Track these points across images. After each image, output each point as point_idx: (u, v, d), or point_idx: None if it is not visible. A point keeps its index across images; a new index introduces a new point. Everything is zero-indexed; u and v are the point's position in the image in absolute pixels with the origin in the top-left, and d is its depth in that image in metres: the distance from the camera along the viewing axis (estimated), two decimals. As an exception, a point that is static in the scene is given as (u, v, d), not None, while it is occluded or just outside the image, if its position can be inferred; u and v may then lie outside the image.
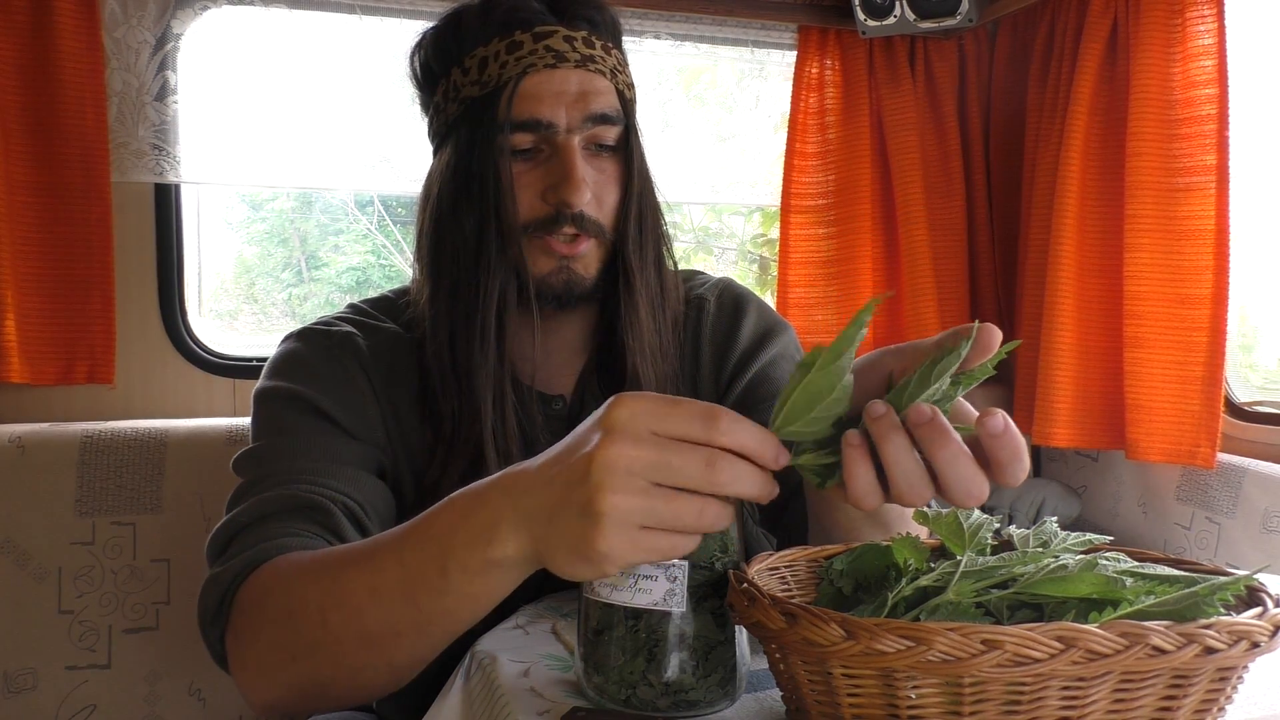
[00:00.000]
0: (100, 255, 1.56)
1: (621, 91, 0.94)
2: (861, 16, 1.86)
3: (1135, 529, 1.78)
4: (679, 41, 1.92)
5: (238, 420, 1.51)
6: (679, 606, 0.60)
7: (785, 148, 1.96)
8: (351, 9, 1.72)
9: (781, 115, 2.02)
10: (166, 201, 1.66)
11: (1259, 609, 0.50)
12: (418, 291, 0.97)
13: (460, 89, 0.92)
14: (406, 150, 1.81)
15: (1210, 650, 0.46)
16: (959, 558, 0.59)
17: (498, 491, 0.61)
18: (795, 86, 1.94)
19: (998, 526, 0.63)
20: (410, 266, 1.18)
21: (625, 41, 1.00)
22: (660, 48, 1.93)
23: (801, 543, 0.71)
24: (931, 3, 1.82)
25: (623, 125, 0.93)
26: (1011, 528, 0.64)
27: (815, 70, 1.95)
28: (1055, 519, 0.65)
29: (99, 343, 1.57)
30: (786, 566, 0.66)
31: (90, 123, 1.55)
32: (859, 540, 0.68)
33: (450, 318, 0.92)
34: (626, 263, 0.94)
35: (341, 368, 0.92)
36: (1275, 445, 1.58)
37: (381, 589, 0.65)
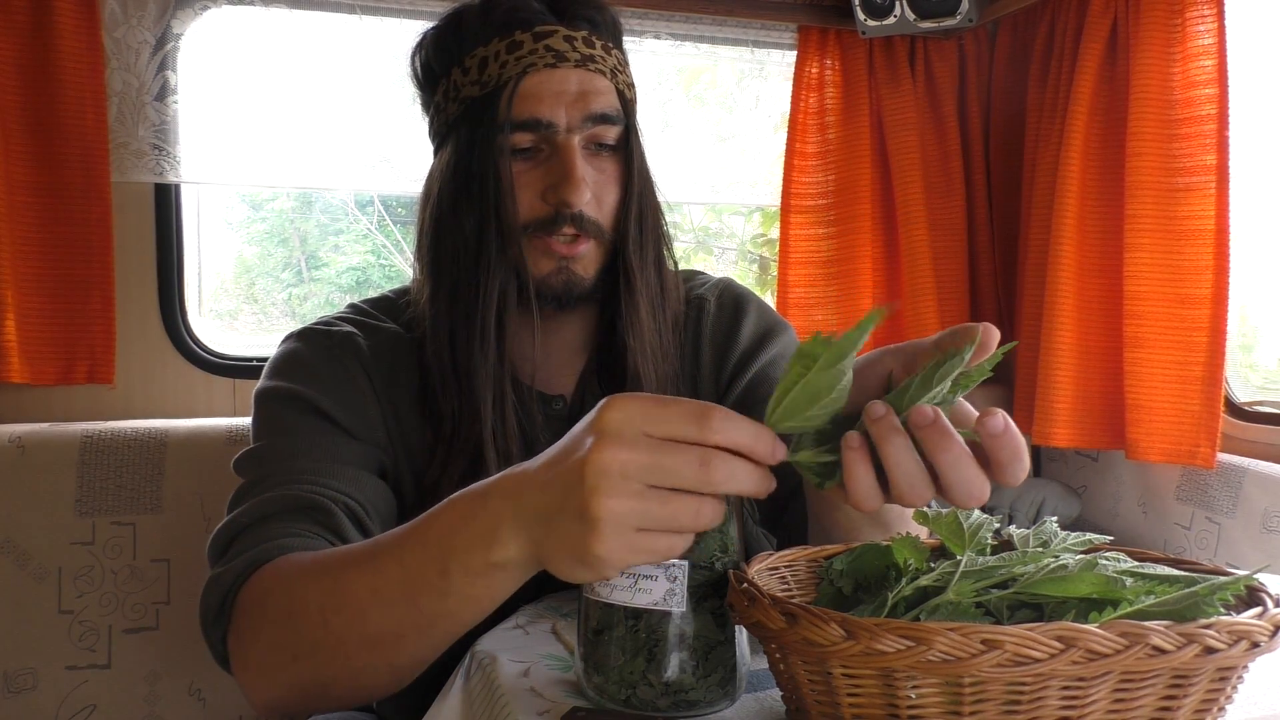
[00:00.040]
0: (100, 255, 1.56)
1: (622, 91, 0.94)
2: (861, 16, 1.86)
3: (1135, 529, 1.78)
4: (679, 41, 1.92)
5: (238, 420, 1.51)
6: (679, 606, 0.60)
7: (785, 148, 1.96)
8: (351, 9, 1.72)
9: (781, 115, 2.02)
10: (166, 201, 1.66)
11: (1259, 609, 0.50)
12: (418, 291, 0.97)
13: (460, 89, 0.92)
14: (406, 150, 1.81)
15: (1210, 650, 0.46)
16: (959, 558, 0.59)
17: (497, 494, 0.61)
18: (795, 86, 1.94)
19: (998, 526, 0.63)
20: (410, 266, 1.18)
21: (625, 41, 1.00)
22: (660, 48, 1.93)
23: (801, 543, 0.71)
24: (931, 3, 1.82)
25: (623, 125, 0.93)
26: (1011, 528, 0.64)
27: (815, 70, 1.95)
28: (1055, 519, 0.65)
29: (99, 343, 1.57)
30: (786, 566, 0.66)
31: (90, 123, 1.55)
32: (859, 540, 0.69)
33: (450, 317, 0.92)
34: (627, 263, 0.94)
35: (342, 368, 0.92)
36: (1275, 445, 1.58)
37: (383, 591, 0.65)
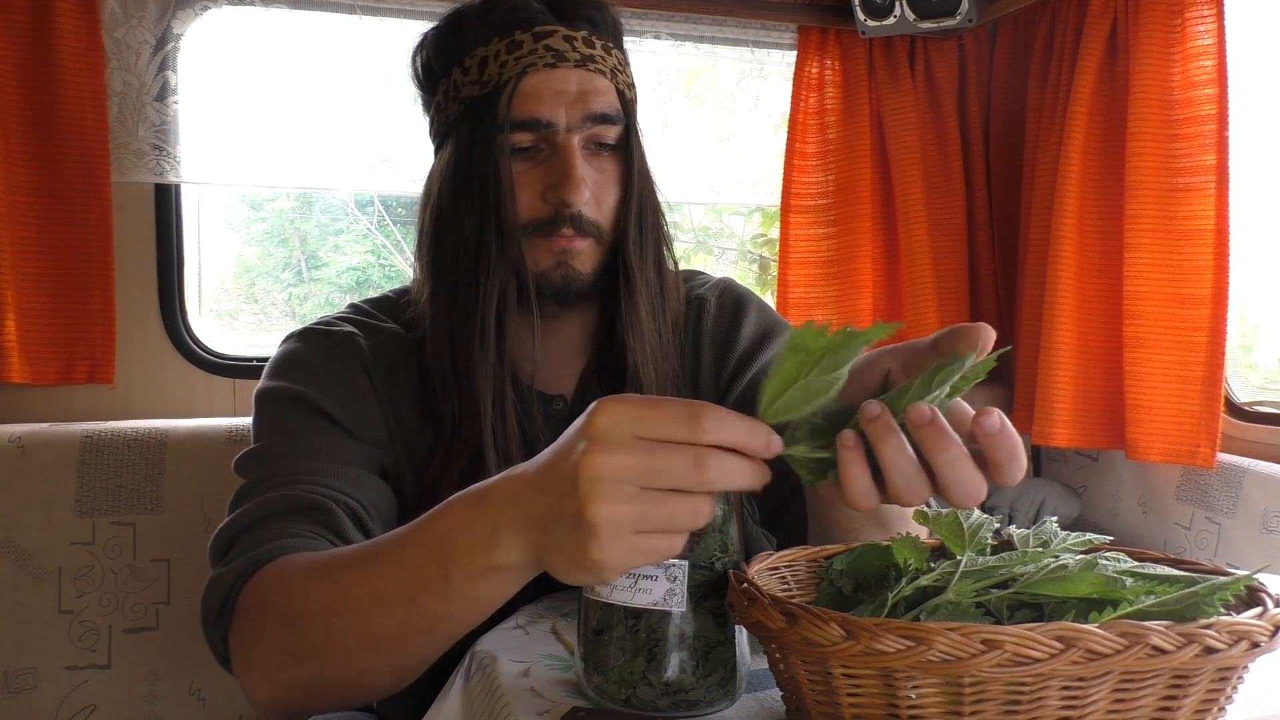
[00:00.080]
0: (100, 255, 1.56)
1: (622, 91, 0.94)
2: (861, 16, 1.86)
3: (1135, 529, 1.78)
4: (679, 41, 1.92)
5: (238, 420, 1.51)
6: (679, 606, 0.60)
7: (785, 148, 1.96)
8: (351, 9, 1.72)
9: (781, 115, 2.02)
10: (166, 201, 1.66)
11: (1259, 609, 0.50)
12: (418, 291, 0.97)
13: (460, 88, 0.92)
14: (406, 150, 1.81)
15: (1210, 650, 0.46)
16: (959, 558, 0.59)
17: (495, 498, 0.60)
18: (795, 86, 1.94)
19: (998, 526, 0.63)
20: (410, 266, 1.18)
21: (625, 41, 1.00)
22: (660, 48, 1.93)
23: (801, 543, 0.71)
24: (931, 3, 1.82)
25: (623, 125, 0.93)
26: (1011, 528, 0.64)
27: (815, 70, 1.94)
28: (1055, 519, 0.65)
29: (99, 343, 1.57)
30: (786, 566, 0.66)
31: (90, 123, 1.55)
32: (859, 540, 0.69)
33: (450, 317, 0.92)
34: (627, 263, 0.94)
35: (343, 368, 0.92)
36: (1275, 445, 1.58)
37: (384, 593, 0.65)
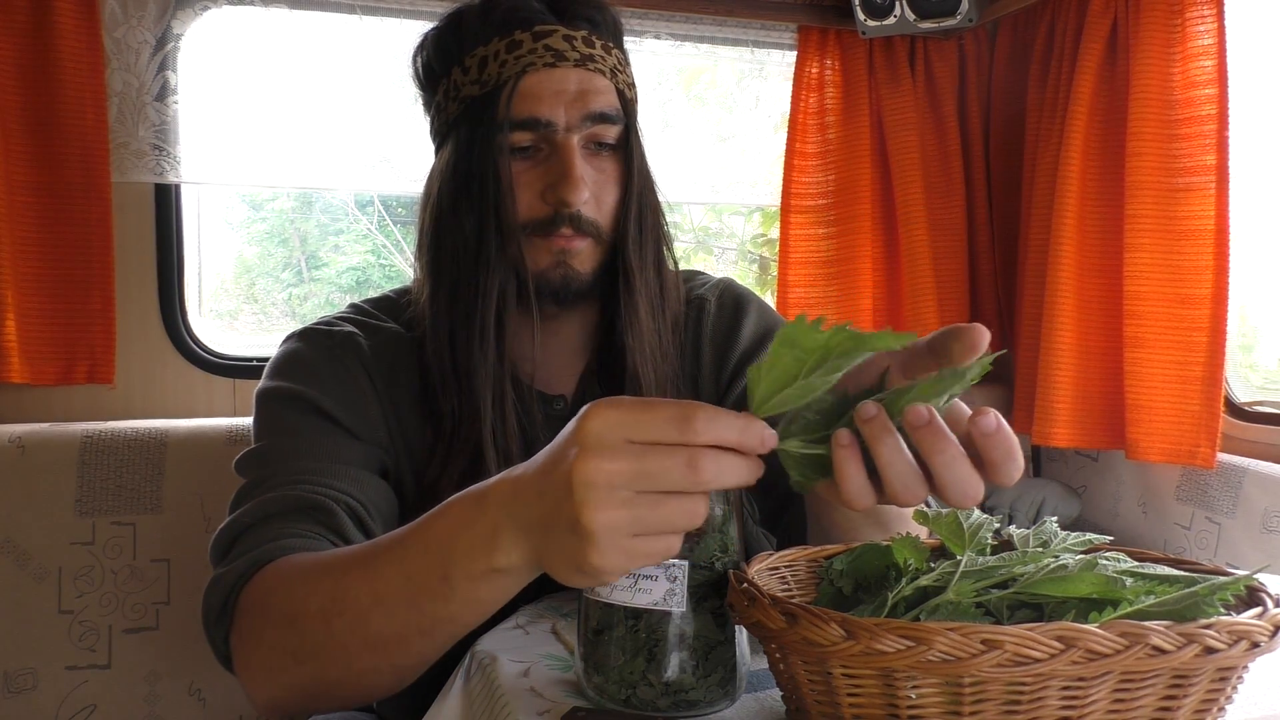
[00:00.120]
0: (100, 255, 1.56)
1: (622, 91, 0.94)
2: (861, 16, 1.86)
3: (1135, 529, 1.78)
4: (679, 41, 1.92)
5: (238, 420, 1.51)
6: (679, 606, 0.60)
7: (785, 148, 1.96)
8: (351, 9, 1.72)
9: (781, 115, 2.02)
10: (166, 201, 1.66)
11: (1259, 609, 0.50)
12: (418, 291, 0.97)
13: (460, 88, 0.92)
14: (406, 150, 1.81)
15: (1210, 650, 0.46)
16: (959, 558, 0.59)
17: (494, 501, 0.60)
18: (795, 86, 1.94)
19: (998, 526, 0.63)
20: (410, 266, 1.18)
21: (625, 41, 1.00)
22: (660, 48, 1.93)
23: (801, 543, 0.71)
24: (931, 3, 1.82)
25: (622, 124, 0.93)
26: (1011, 528, 0.64)
27: (815, 70, 1.94)
28: (1055, 519, 0.65)
29: (99, 343, 1.57)
30: (786, 566, 0.66)
31: (90, 123, 1.55)
32: (859, 540, 0.68)
33: (450, 316, 0.92)
34: (626, 263, 0.94)
35: (343, 367, 0.92)
36: (1275, 445, 1.58)
37: (385, 595, 0.65)
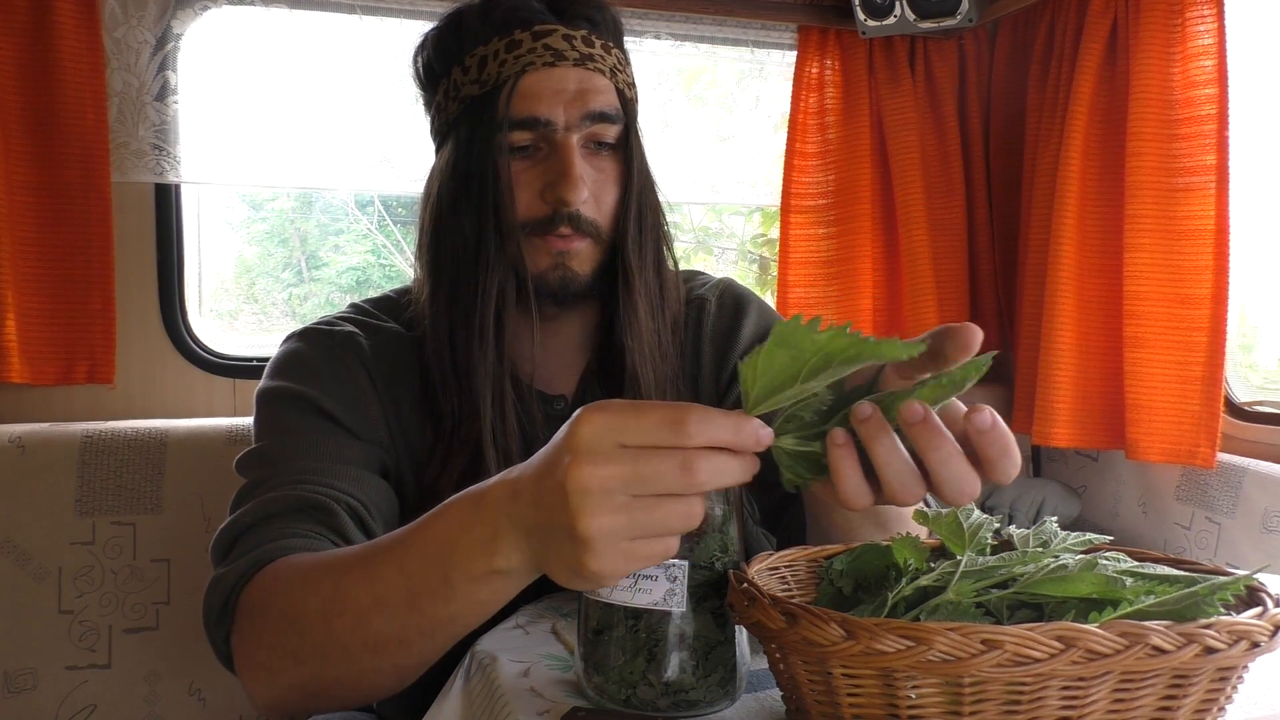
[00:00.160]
0: (100, 255, 1.56)
1: (621, 90, 0.94)
2: (861, 16, 1.86)
3: (1135, 529, 1.78)
4: (679, 41, 1.92)
5: (238, 420, 1.51)
6: (679, 606, 0.60)
7: (785, 148, 1.96)
8: (351, 9, 1.72)
9: (781, 115, 2.02)
10: (166, 201, 1.66)
11: (1259, 609, 0.50)
12: (419, 290, 0.97)
13: (460, 88, 0.92)
14: (406, 150, 1.81)
15: (1210, 650, 0.46)
16: (959, 558, 0.59)
17: (492, 504, 0.60)
18: (795, 86, 1.94)
19: (998, 526, 0.63)
20: (411, 266, 1.18)
21: (625, 41, 1.00)
22: (660, 48, 1.93)
23: (801, 543, 0.71)
24: (931, 3, 1.82)
25: (622, 124, 0.93)
26: (1011, 528, 0.64)
27: (815, 70, 1.94)
28: (1055, 519, 0.65)
29: (99, 343, 1.57)
30: (786, 566, 0.66)
31: (90, 123, 1.55)
32: (859, 540, 0.69)
33: (450, 316, 0.92)
34: (626, 263, 0.94)
35: (344, 367, 0.92)
36: (1275, 445, 1.58)
37: (385, 597, 0.65)
